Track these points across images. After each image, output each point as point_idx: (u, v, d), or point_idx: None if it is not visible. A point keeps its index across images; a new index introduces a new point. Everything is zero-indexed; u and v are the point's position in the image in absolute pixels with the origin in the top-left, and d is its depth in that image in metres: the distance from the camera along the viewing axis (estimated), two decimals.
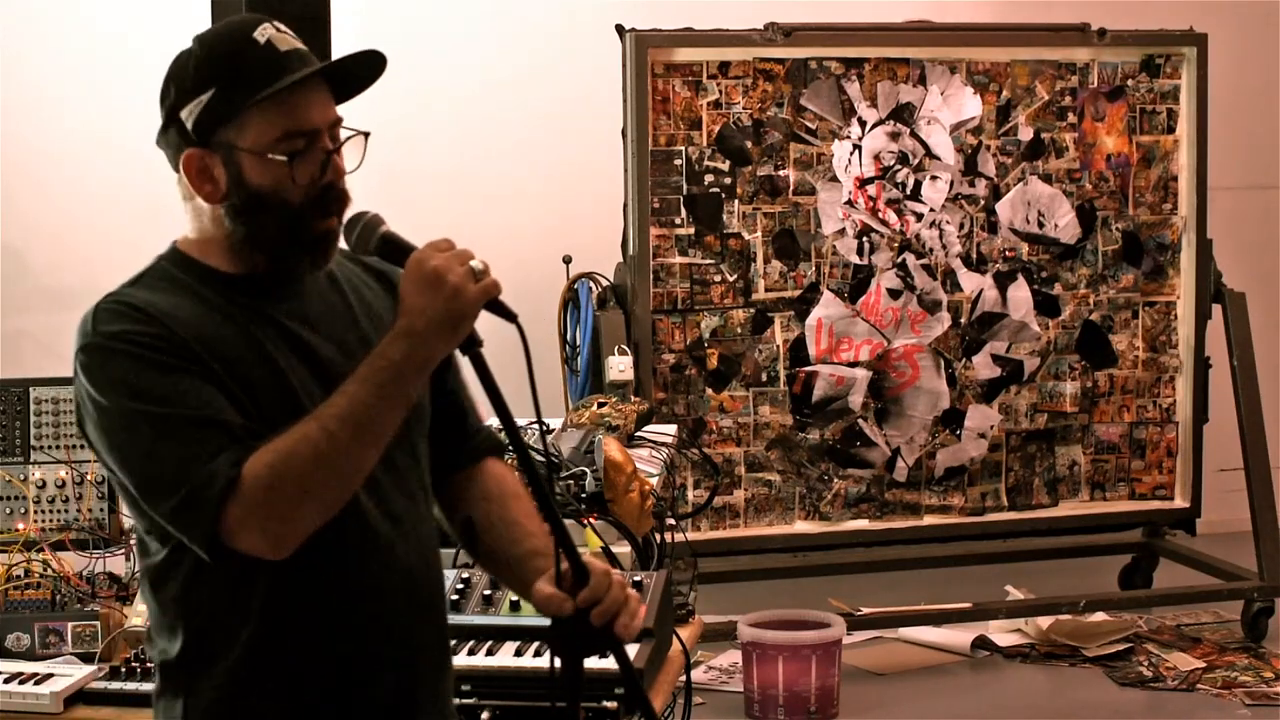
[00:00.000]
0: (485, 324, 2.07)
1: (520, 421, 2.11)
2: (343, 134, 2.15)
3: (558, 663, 2.11)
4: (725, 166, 5.65)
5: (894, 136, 5.77)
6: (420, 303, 2.01)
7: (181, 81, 2.12)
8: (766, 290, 5.71)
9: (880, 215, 5.78)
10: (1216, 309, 6.04)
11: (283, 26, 2.13)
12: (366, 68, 2.17)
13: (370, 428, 2.03)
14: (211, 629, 2.12)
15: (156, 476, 2.03)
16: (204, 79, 2.10)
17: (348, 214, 2.14)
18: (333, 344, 2.18)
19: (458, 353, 2.11)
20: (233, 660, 2.12)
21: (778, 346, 5.72)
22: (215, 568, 2.07)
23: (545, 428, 3.71)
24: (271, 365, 2.12)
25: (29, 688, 2.93)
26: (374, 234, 2.10)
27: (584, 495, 3.26)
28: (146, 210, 3.96)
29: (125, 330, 2.06)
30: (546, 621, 2.10)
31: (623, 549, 3.23)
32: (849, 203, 5.75)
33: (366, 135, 2.16)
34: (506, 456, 2.39)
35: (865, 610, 5.62)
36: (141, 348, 2.05)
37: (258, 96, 2.07)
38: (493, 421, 3.06)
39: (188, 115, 2.11)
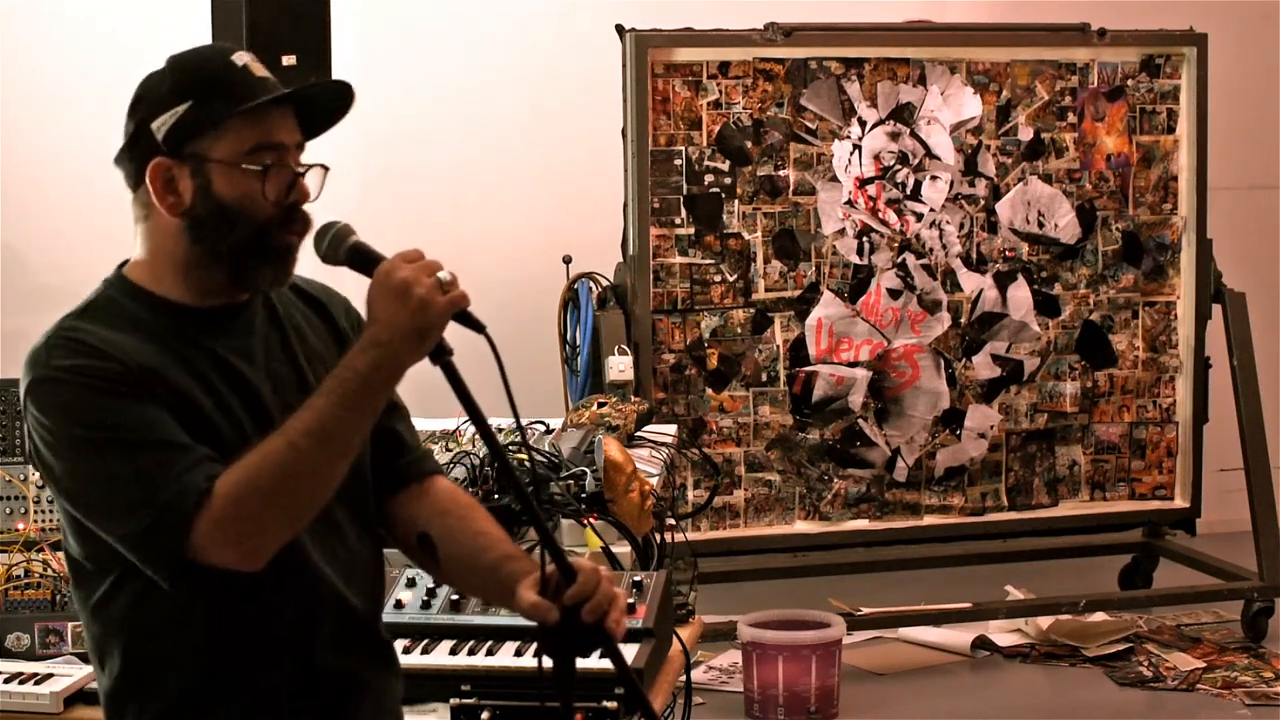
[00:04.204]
0: (485, 319, 2.07)
1: (501, 423, 2.11)
2: (307, 165, 2.18)
3: (547, 663, 2.11)
4: (725, 166, 5.65)
5: (894, 136, 5.77)
6: (387, 314, 2.02)
7: (154, 95, 2.14)
8: (766, 290, 5.71)
9: (880, 215, 5.78)
10: (1216, 309, 6.04)
11: (255, 58, 2.17)
12: (335, 101, 2.20)
13: (336, 440, 2.05)
14: (152, 658, 2.14)
15: (121, 501, 2.04)
16: (180, 92, 2.12)
17: (316, 224, 2.16)
18: (267, 377, 2.19)
19: None
20: (173, 691, 2.14)
21: (778, 346, 5.72)
22: (159, 596, 2.08)
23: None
24: (216, 397, 2.14)
25: (29, 688, 2.92)
26: (343, 244, 2.12)
27: (584, 495, 3.26)
28: None
29: (80, 364, 2.07)
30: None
31: (623, 549, 3.22)
32: (849, 203, 5.75)
33: (326, 169, 2.19)
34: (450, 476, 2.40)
35: (865, 610, 5.61)
36: (98, 379, 2.06)
37: (238, 109, 2.10)
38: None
39: (160, 125, 2.12)
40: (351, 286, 2.26)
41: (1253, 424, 5.94)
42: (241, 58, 2.15)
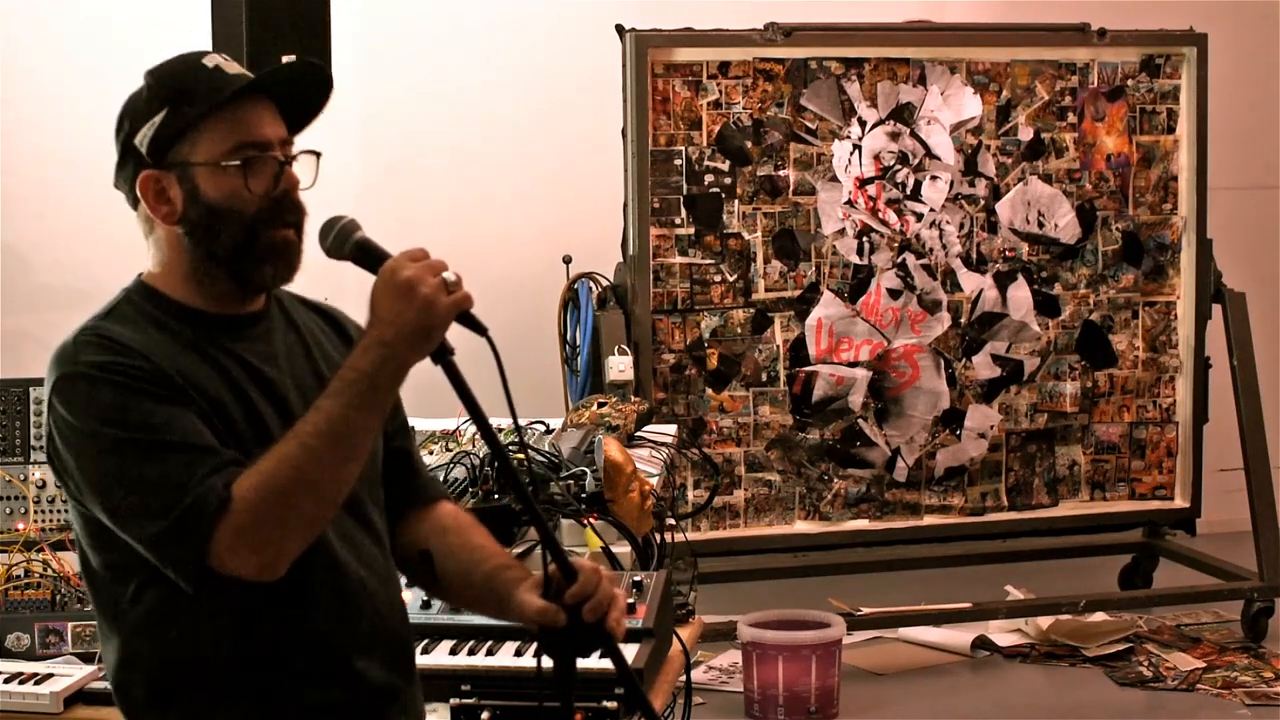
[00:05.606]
0: (485, 319, 2.07)
1: (500, 423, 2.12)
2: (295, 152, 2.18)
3: (547, 663, 2.11)
4: (725, 166, 5.65)
5: (894, 136, 5.77)
6: (391, 312, 2.02)
7: (134, 111, 2.16)
8: (766, 290, 5.71)
9: (880, 215, 5.78)
10: (1216, 309, 6.04)
11: (229, 58, 2.18)
12: (313, 89, 2.20)
13: (347, 440, 2.03)
14: (175, 668, 2.12)
15: (145, 502, 2.02)
16: (156, 103, 2.14)
17: (323, 219, 2.15)
18: (292, 382, 2.19)
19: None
20: (197, 702, 2.12)
21: (778, 346, 5.72)
22: (185, 604, 2.07)
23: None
24: (245, 401, 2.13)
25: (29, 688, 2.92)
26: (349, 239, 2.11)
27: (584, 495, 3.26)
28: None
29: (109, 361, 2.06)
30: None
31: (623, 549, 3.22)
32: (849, 203, 5.75)
33: (318, 155, 2.19)
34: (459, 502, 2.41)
35: (865, 610, 5.61)
36: (127, 378, 2.05)
37: (208, 108, 2.10)
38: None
39: (141, 139, 2.13)
40: (352, 284, 2.26)
41: (1253, 424, 5.94)
42: (212, 59, 2.15)
